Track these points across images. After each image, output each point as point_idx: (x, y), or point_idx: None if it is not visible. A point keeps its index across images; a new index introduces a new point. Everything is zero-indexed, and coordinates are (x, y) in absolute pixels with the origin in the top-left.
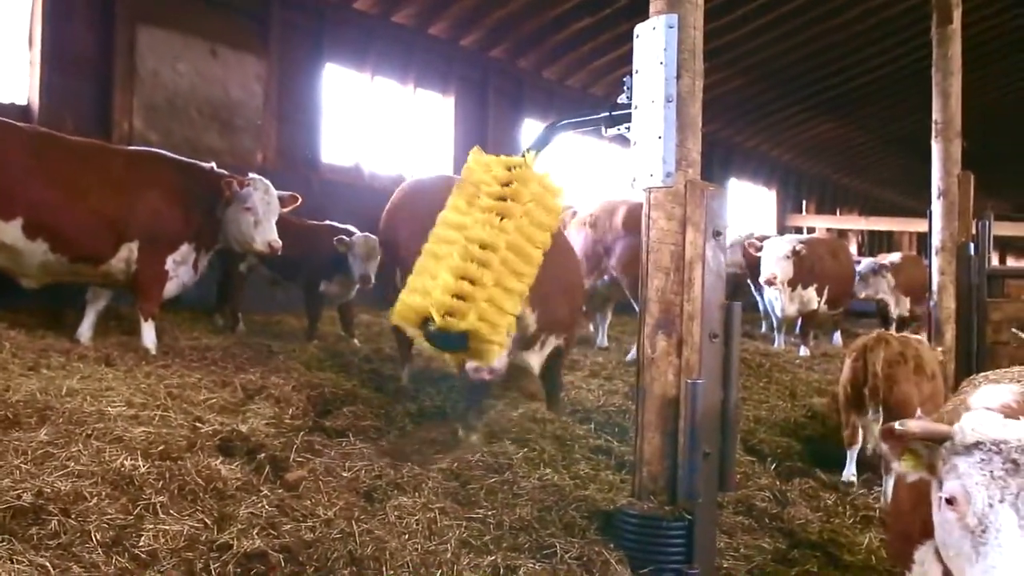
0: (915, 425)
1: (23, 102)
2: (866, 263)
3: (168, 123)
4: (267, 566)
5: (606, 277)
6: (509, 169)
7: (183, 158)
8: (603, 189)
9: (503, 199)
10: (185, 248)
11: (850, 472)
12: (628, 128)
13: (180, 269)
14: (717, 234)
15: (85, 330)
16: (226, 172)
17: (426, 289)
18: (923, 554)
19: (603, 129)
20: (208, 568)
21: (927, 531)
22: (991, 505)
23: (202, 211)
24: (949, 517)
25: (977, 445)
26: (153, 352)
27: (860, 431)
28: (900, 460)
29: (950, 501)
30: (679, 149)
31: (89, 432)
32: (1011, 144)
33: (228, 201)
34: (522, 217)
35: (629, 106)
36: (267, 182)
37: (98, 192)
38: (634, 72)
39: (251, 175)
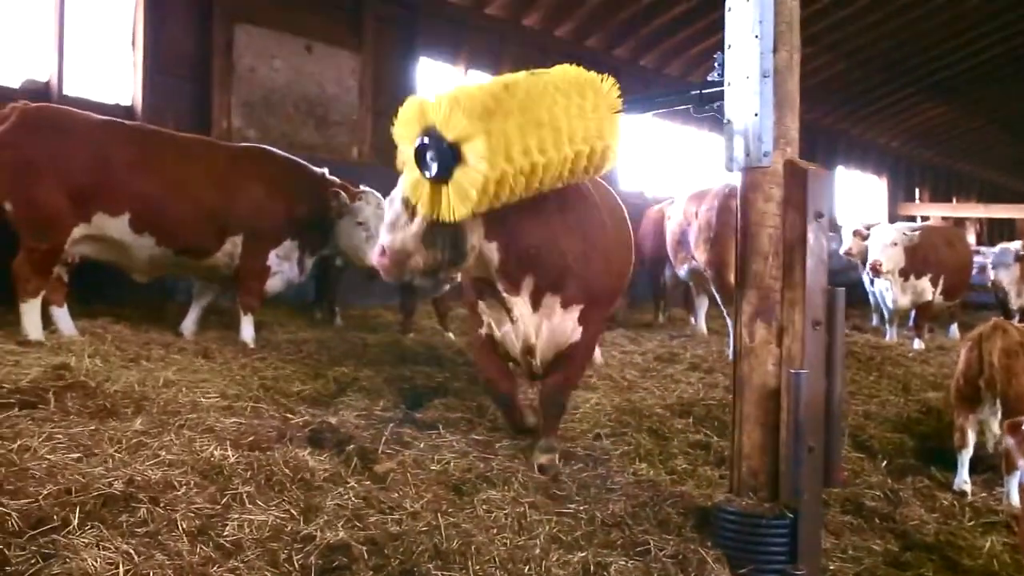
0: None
1: (127, 102)
2: (997, 250)
3: (265, 119)
4: (350, 558)
5: (687, 266)
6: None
7: (292, 157)
8: (691, 177)
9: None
10: (288, 244)
11: (962, 479)
12: (720, 106)
13: (284, 265)
14: (819, 216)
15: (189, 324)
16: (337, 180)
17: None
18: None
19: (692, 109)
20: (291, 559)
21: None
22: None
23: (308, 211)
24: None
25: None
26: (251, 346)
27: (971, 433)
28: None
29: None
30: (777, 126)
31: (182, 422)
32: None
33: (339, 212)
34: (556, 94)
35: (720, 84)
36: (379, 196)
37: (202, 186)
38: (726, 47)
39: (363, 188)
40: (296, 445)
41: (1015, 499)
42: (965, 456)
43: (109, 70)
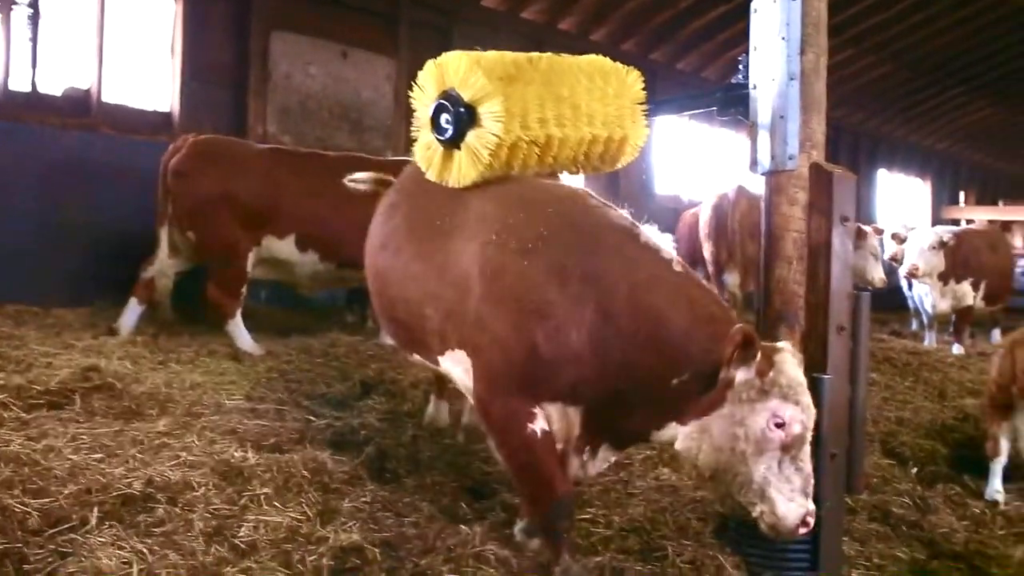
0: None
1: (166, 109)
2: None
3: (300, 125)
4: (363, 560)
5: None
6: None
7: None
8: (714, 180)
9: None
10: None
11: (994, 489)
12: (743, 109)
13: None
14: (845, 220)
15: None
16: None
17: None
18: None
19: (716, 111)
20: (303, 560)
21: None
22: None
23: None
24: None
25: None
26: None
27: (1005, 441)
28: None
29: None
30: (803, 129)
31: (205, 424)
32: None
33: None
34: (579, 73)
35: (745, 86)
36: None
37: (356, 201)
38: (752, 49)
39: None
40: (317, 447)
41: None
42: (998, 464)
43: (148, 77)
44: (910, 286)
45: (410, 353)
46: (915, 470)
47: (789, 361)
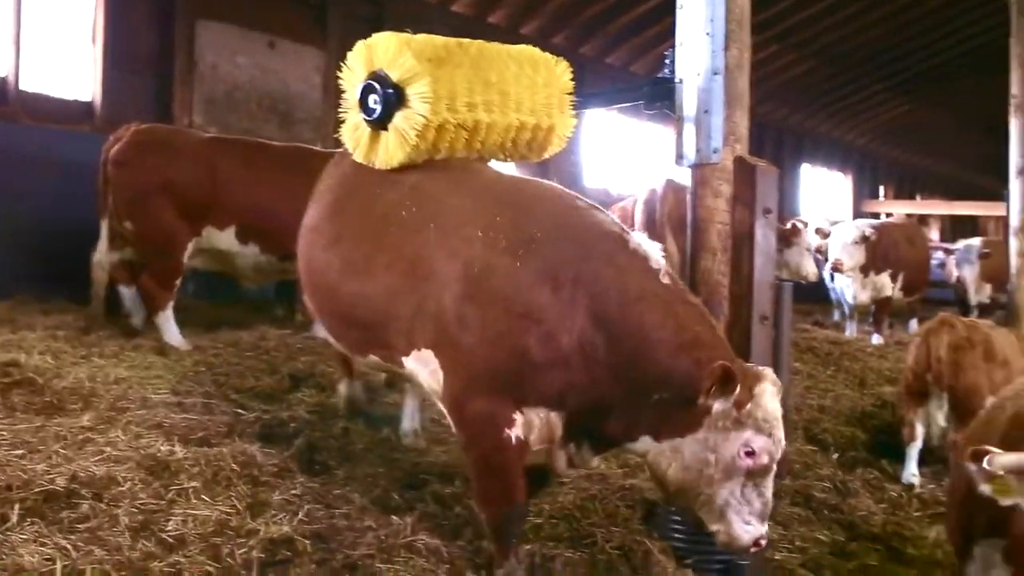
0: (1005, 461)
1: (87, 98)
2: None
3: (227, 116)
4: (294, 552)
5: None
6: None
7: None
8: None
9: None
10: None
11: (910, 472)
12: (669, 103)
13: None
14: (767, 212)
15: None
16: None
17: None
18: (986, 551)
19: (643, 105)
20: (233, 553)
21: (992, 529)
22: None
23: None
24: None
25: None
26: None
27: (920, 427)
28: (990, 485)
29: None
30: (727, 123)
31: (130, 418)
32: None
33: None
34: (508, 60)
35: (671, 80)
36: None
37: (300, 193)
38: (677, 44)
39: None
40: (246, 440)
41: None
42: (914, 449)
43: (68, 65)
44: (832, 278)
45: (364, 355)
46: (836, 456)
47: (768, 393)
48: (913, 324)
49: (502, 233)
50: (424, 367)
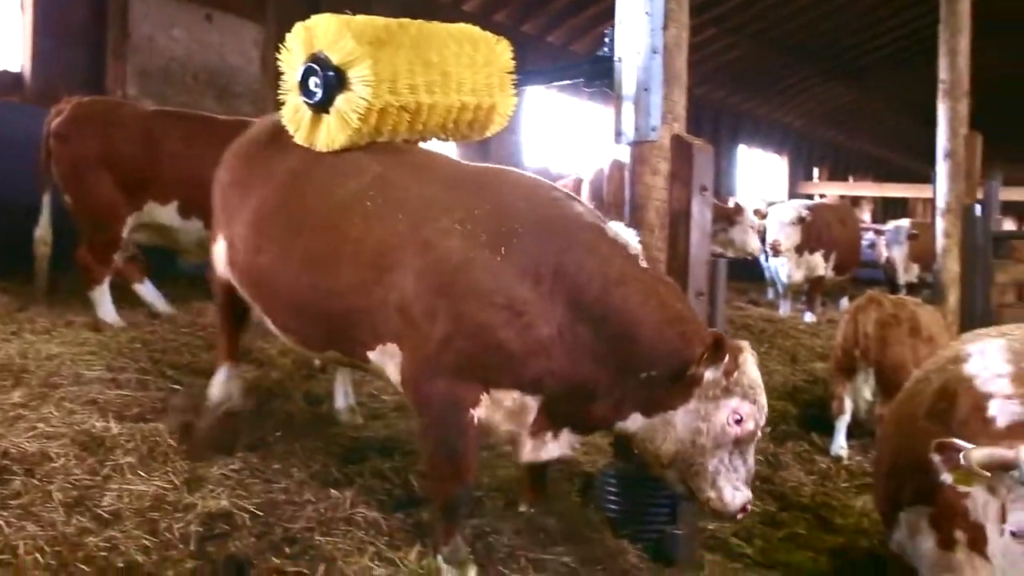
0: (978, 456)
1: (16, 69)
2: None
3: (163, 89)
4: (232, 526)
5: None
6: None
7: None
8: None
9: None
10: None
11: (839, 444)
12: (609, 81)
13: None
14: (704, 189)
15: None
16: None
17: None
18: (912, 517)
19: (583, 83)
20: (171, 527)
21: (919, 496)
22: None
23: None
24: (1015, 549)
25: None
26: None
27: (848, 401)
28: (951, 474)
29: (1016, 534)
30: (665, 102)
31: (63, 395)
32: None
33: None
34: (449, 39)
35: (610, 59)
36: None
37: None
38: (617, 23)
39: None
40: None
41: None
42: (842, 422)
43: None
44: (766, 257)
45: (321, 351)
46: (768, 429)
47: (751, 362)
48: (844, 303)
49: (481, 226)
50: (391, 360)
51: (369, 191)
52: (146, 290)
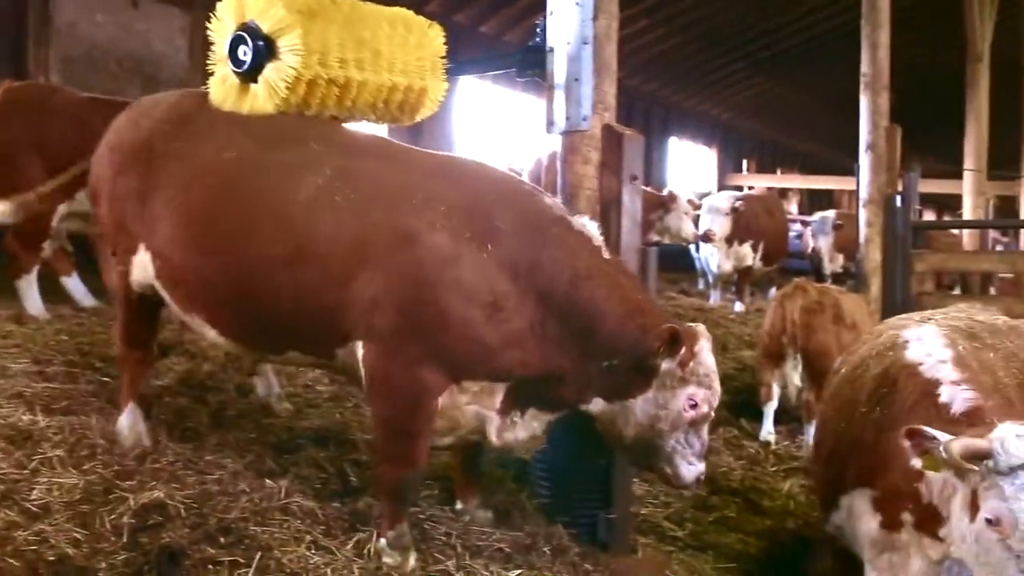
0: (959, 448)
1: None
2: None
3: (87, 76)
4: (166, 516)
5: None
6: None
7: None
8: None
9: None
10: None
11: (767, 430)
12: (541, 72)
13: None
14: (634, 178)
15: None
16: None
17: None
18: (854, 501)
19: (515, 73)
20: (103, 520)
21: (860, 479)
22: None
23: None
24: (989, 536)
25: (1023, 467)
26: None
27: (776, 387)
28: (920, 459)
29: (992, 521)
30: (595, 92)
31: None
32: (944, 104)
33: None
34: (381, 19)
35: (542, 49)
36: None
37: None
38: (548, 13)
39: None
40: (113, 409)
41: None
42: (770, 408)
43: None
44: (697, 248)
45: (279, 352)
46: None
47: (707, 349)
48: (772, 292)
49: (465, 222)
50: (354, 358)
51: (335, 183)
52: (74, 284)
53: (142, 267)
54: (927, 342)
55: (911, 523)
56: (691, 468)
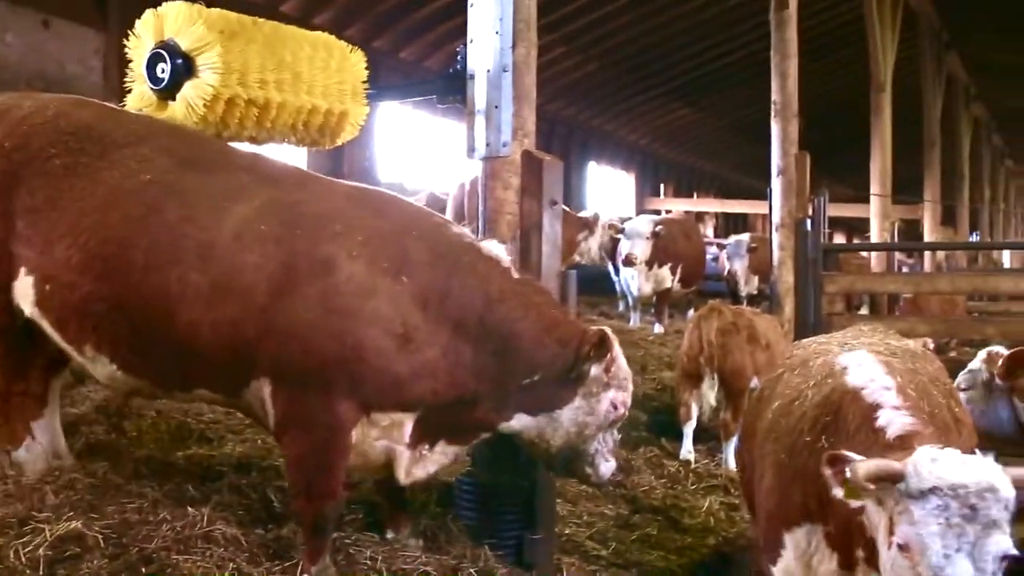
0: (865, 470)
1: None
2: (731, 242)
3: None
4: (84, 547)
5: None
6: None
7: None
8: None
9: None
10: None
11: (687, 449)
12: (462, 98)
13: None
14: (554, 203)
15: None
16: None
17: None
18: (802, 538)
19: (436, 100)
20: (18, 553)
21: (808, 515)
22: (947, 556)
23: None
24: (901, 563)
25: (933, 491)
26: None
27: (695, 407)
28: (842, 489)
29: (903, 547)
30: (515, 118)
31: None
32: (851, 131)
33: None
34: (303, 41)
35: (462, 75)
36: None
37: None
38: (469, 41)
39: None
40: None
41: (732, 464)
42: (689, 428)
43: None
44: (617, 271)
45: (184, 391)
46: (619, 436)
47: (620, 353)
48: (691, 314)
49: (382, 252)
50: (260, 397)
51: (264, 215)
52: None
53: (22, 293)
54: (867, 367)
55: (863, 559)
56: (609, 465)
